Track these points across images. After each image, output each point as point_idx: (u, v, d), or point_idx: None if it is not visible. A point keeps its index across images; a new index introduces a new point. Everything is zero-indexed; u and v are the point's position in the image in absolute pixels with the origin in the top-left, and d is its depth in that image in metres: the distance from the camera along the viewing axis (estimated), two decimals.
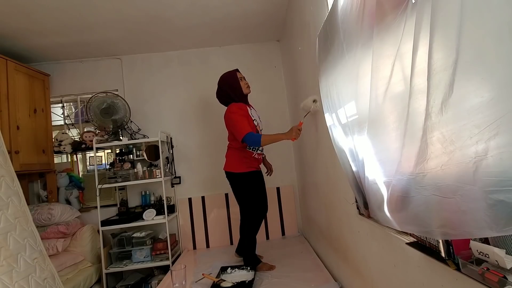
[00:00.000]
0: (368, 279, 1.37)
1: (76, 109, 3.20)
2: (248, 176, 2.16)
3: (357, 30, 0.95)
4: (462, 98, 0.53)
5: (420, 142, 0.64)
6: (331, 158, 1.65)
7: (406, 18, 0.66)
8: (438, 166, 0.59)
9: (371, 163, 0.95)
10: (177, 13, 2.40)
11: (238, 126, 2.02)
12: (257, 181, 2.21)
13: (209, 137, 3.06)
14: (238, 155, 2.18)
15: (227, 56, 3.17)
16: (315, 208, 2.34)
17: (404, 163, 0.74)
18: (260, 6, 2.45)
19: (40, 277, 1.59)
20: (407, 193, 0.74)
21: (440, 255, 0.79)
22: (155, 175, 2.64)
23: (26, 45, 2.65)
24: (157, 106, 3.08)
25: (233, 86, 2.18)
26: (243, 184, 2.17)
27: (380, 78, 0.79)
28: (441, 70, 0.55)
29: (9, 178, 1.65)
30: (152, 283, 2.57)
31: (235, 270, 2.05)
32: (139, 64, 3.12)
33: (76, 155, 3.07)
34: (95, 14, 2.28)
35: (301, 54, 2.20)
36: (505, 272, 0.59)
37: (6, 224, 1.53)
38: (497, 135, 0.46)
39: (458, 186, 0.55)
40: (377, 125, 0.86)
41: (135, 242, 2.61)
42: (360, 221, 1.38)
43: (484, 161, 0.49)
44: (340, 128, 1.22)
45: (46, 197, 2.83)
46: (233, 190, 2.23)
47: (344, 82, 1.13)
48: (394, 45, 0.71)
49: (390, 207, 0.87)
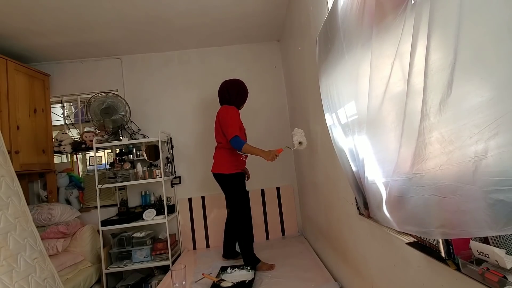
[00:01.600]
0: (368, 279, 1.37)
1: (76, 109, 3.20)
2: (238, 176, 2.24)
3: (357, 30, 0.95)
4: (462, 98, 0.53)
5: (418, 143, 0.64)
6: (331, 158, 1.65)
7: (406, 18, 0.66)
8: (436, 166, 0.59)
9: (370, 163, 0.96)
10: (177, 13, 2.40)
11: (231, 127, 2.13)
12: (244, 182, 2.33)
13: (209, 137, 3.04)
14: (228, 156, 2.25)
15: (227, 56, 3.17)
16: (315, 208, 2.34)
17: (402, 163, 0.74)
18: (260, 6, 2.45)
19: (40, 277, 1.59)
20: (406, 193, 0.74)
21: (440, 255, 0.79)
22: (155, 175, 2.64)
23: (26, 45, 2.65)
24: (157, 106, 3.08)
25: (241, 96, 2.33)
26: (235, 185, 2.24)
27: (379, 78, 0.80)
28: (439, 70, 0.55)
29: (9, 178, 1.65)
30: (152, 283, 2.57)
31: (235, 270, 2.05)
32: (139, 64, 3.12)
33: (76, 155, 3.07)
34: (95, 14, 2.28)
35: (301, 54, 2.20)
36: (505, 272, 0.59)
37: (6, 224, 1.53)
38: (497, 134, 0.46)
39: (457, 186, 0.55)
40: (376, 125, 0.86)
41: (135, 242, 2.61)
42: (360, 221, 1.38)
43: (483, 161, 0.49)
44: (340, 128, 1.22)
45: (46, 197, 2.83)
46: (226, 192, 2.30)
47: (344, 82, 1.13)
48: (394, 45, 0.71)
49: (389, 207, 0.87)
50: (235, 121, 2.17)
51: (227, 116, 2.18)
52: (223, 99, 2.32)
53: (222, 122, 2.20)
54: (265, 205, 2.99)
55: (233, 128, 2.13)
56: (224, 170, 2.22)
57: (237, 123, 2.19)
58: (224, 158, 2.25)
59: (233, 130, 2.12)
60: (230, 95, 2.29)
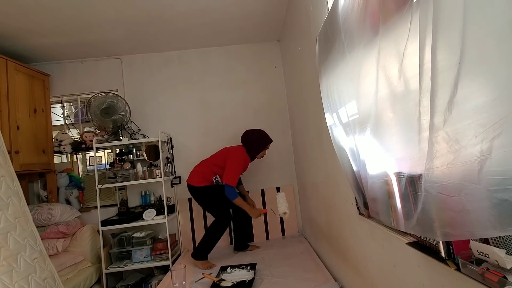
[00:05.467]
0: (368, 279, 1.37)
1: (76, 109, 3.20)
2: (208, 188, 2.40)
3: (360, 30, 0.95)
4: (467, 98, 0.53)
5: (425, 141, 0.64)
6: (331, 158, 1.65)
7: (412, 16, 0.66)
8: (444, 164, 0.59)
9: (374, 163, 0.95)
10: (177, 13, 2.40)
11: (234, 173, 2.31)
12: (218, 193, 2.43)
13: (209, 137, 3.06)
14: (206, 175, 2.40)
15: (227, 56, 3.17)
16: (315, 208, 2.34)
17: (409, 162, 0.74)
18: (260, 6, 2.45)
19: (40, 277, 1.59)
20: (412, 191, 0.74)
21: (440, 255, 0.79)
22: (155, 175, 2.64)
23: (26, 45, 2.64)
24: (157, 106, 3.08)
25: (257, 146, 2.46)
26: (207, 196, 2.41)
27: (386, 77, 0.80)
28: (446, 69, 0.55)
29: (9, 178, 1.65)
30: (152, 283, 2.57)
31: (235, 269, 2.05)
32: (139, 64, 3.12)
33: (76, 155, 3.07)
34: (95, 14, 2.28)
35: (301, 54, 2.20)
36: (505, 272, 0.59)
37: (6, 224, 1.53)
38: (501, 134, 0.46)
39: (463, 185, 0.55)
40: (382, 124, 0.86)
41: (135, 242, 2.61)
42: (360, 221, 1.38)
43: (488, 160, 0.49)
44: (341, 127, 1.22)
45: (46, 197, 2.83)
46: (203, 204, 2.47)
47: (345, 81, 1.13)
48: (401, 44, 0.71)
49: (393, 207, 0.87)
50: (240, 168, 2.36)
51: (237, 159, 2.34)
52: (246, 141, 2.48)
53: (229, 161, 2.34)
54: (265, 205, 2.99)
55: (236, 175, 2.30)
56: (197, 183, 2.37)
57: (240, 170, 2.38)
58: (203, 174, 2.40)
59: (234, 178, 2.29)
60: (249, 141, 2.45)
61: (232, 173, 2.29)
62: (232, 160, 2.34)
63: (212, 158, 2.49)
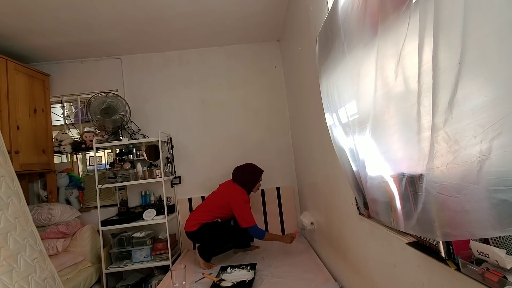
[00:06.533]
0: (368, 279, 1.37)
1: (76, 109, 3.19)
2: (206, 225, 2.31)
3: (359, 30, 0.95)
4: (467, 98, 0.53)
5: (425, 141, 0.64)
6: (331, 158, 1.65)
7: (410, 16, 0.66)
8: (443, 164, 0.59)
9: (374, 163, 0.95)
10: (177, 13, 2.40)
11: (246, 213, 2.30)
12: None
13: (209, 137, 3.06)
14: (206, 221, 2.32)
15: (227, 56, 3.17)
16: (315, 208, 2.34)
17: (409, 162, 0.74)
18: (260, 6, 2.45)
19: (40, 277, 1.59)
20: (412, 191, 0.74)
21: (440, 255, 0.79)
22: (155, 175, 2.64)
23: (26, 45, 2.64)
24: (157, 106, 3.08)
25: (250, 182, 2.45)
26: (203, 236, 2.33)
27: (384, 77, 0.79)
28: (446, 69, 0.55)
29: (9, 178, 1.65)
30: (152, 283, 2.57)
31: (235, 269, 2.05)
32: (139, 64, 3.12)
33: (76, 155, 3.07)
34: (95, 14, 2.28)
35: (301, 54, 2.20)
36: (505, 272, 0.59)
37: (6, 224, 1.53)
38: (500, 134, 0.46)
39: (462, 185, 0.55)
40: (381, 124, 0.86)
41: (135, 242, 2.60)
42: (360, 221, 1.38)
43: (488, 160, 0.49)
44: (341, 127, 1.22)
45: (46, 197, 2.83)
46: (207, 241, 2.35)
47: (345, 81, 1.13)
48: (399, 44, 0.71)
49: (392, 207, 0.87)
50: (249, 209, 2.33)
51: (242, 204, 2.31)
52: (238, 177, 2.44)
53: (236, 207, 2.31)
54: (265, 205, 2.99)
55: (251, 217, 2.28)
56: (192, 228, 2.31)
57: (250, 208, 2.35)
58: (203, 222, 2.32)
59: (251, 219, 2.27)
60: (243, 175, 2.43)
61: (246, 215, 2.28)
62: (237, 204, 2.30)
63: (210, 203, 2.44)
